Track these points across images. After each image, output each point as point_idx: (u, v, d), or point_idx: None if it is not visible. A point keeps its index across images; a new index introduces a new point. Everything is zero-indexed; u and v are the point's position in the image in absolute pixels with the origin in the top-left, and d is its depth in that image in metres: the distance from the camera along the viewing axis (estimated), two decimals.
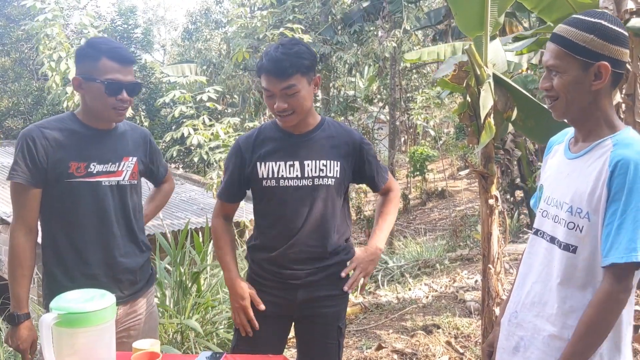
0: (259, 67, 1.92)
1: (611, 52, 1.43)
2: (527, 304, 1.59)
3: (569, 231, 1.48)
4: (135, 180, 2.09)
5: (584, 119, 1.51)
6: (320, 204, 1.98)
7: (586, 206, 1.44)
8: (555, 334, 1.49)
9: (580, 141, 1.55)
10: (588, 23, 1.44)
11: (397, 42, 11.01)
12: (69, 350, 1.52)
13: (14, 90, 15.82)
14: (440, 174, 17.58)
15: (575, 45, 1.44)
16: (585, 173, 1.47)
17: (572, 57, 1.44)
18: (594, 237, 1.44)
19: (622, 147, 1.41)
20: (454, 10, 3.15)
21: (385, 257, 7.32)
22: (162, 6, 40.33)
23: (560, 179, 1.57)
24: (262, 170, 1.99)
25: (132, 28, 18.38)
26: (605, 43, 1.43)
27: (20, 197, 1.93)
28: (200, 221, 7.93)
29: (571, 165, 1.54)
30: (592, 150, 1.49)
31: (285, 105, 1.88)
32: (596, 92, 1.46)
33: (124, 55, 1.94)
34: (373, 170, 2.13)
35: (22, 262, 1.91)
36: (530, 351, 1.55)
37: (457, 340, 3.93)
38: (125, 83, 1.94)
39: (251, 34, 9.93)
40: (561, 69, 1.46)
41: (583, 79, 1.45)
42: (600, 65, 1.43)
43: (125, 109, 2.00)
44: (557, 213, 1.53)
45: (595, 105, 1.48)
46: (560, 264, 1.50)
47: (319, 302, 2.02)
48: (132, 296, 2.07)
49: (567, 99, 1.48)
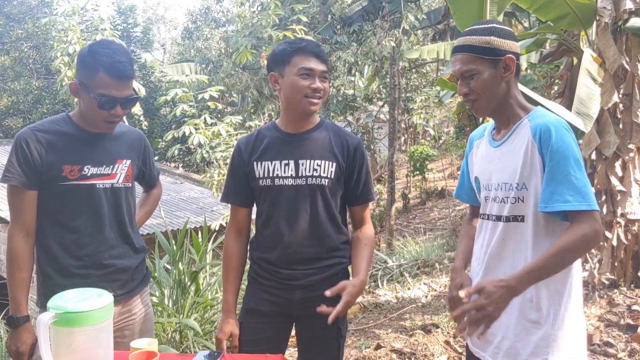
0: (297, 49, 1.94)
1: (510, 46, 1.67)
2: (487, 277, 1.72)
3: (514, 206, 1.66)
4: (129, 183, 2.08)
5: (502, 110, 1.72)
6: (315, 204, 1.98)
7: (520, 179, 1.63)
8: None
9: (502, 129, 1.76)
10: (484, 28, 1.69)
11: (397, 42, 11.01)
12: (66, 350, 1.52)
13: (13, 89, 15.83)
14: (440, 174, 17.59)
15: (481, 48, 1.66)
16: (513, 152, 1.67)
17: (481, 59, 1.66)
18: (535, 202, 1.61)
19: (538, 119, 1.64)
20: (453, 9, 3.16)
21: (385, 256, 7.33)
22: (162, 5, 40.33)
23: (491, 166, 1.75)
24: (258, 169, 2.00)
25: (131, 27, 18.39)
26: (504, 40, 1.67)
27: (16, 200, 1.92)
28: (200, 220, 7.94)
29: (499, 151, 1.73)
30: (514, 132, 1.69)
31: (322, 87, 1.96)
32: (507, 82, 1.69)
33: (123, 72, 1.88)
34: (361, 180, 2.05)
35: (20, 265, 1.90)
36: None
37: (456, 339, 3.93)
38: (120, 99, 1.90)
39: (252, 32, 9.92)
40: (475, 71, 1.67)
41: (495, 74, 1.67)
42: (507, 58, 1.66)
43: (117, 121, 1.99)
44: (499, 195, 1.70)
45: (508, 95, 1.70)
46: (506, 232, 1.67)
47: (317, 302, 2.01)
48: (126, 295, 2.06)
49: (486, 95, 1.68)
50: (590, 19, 4.36)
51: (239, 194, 2.08)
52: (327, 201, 1.99)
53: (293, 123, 2.02)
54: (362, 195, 2.07)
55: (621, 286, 4.56)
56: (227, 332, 2.00)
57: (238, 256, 2.08)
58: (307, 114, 1.99)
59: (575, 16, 4.24)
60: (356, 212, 2.11)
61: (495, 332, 1.68)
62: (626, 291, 4.49)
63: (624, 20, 4.38)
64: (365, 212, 2.12)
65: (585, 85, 3.95)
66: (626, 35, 4.46)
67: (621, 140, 4.39)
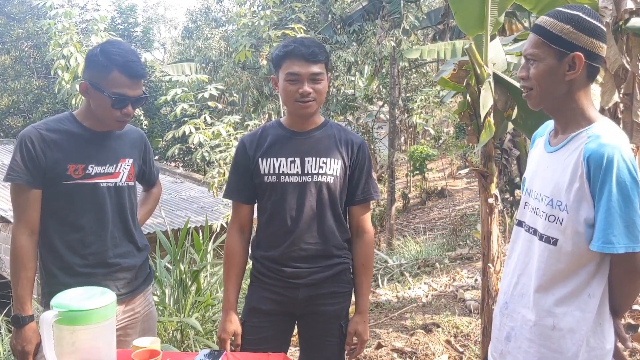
0: (285, 53, 1.93)
1: (586, 43, 1.47)
2: (515, 295, 1.65)
3: (549, 224, 1.53)
4: (132, 181, 2.09)
5: (560, 110, 1.55)
6: (321, 202, 1.98)
7: (565, 199, 1.48)
8: (539, 322, 1.55)
9: (559, 133, 1.59)
10: (566, 14, 1.49)
11: (396, 42, 11.01)
12: (69, 348, 1.52)
13: (13, 89, 15.80)
14: (440, 173, 17.58)
15: (552, 34, 1.48)
16: (563, 166, 1.51)
17: (549, 46, 1.49)
18: (574, 229, 1.48)
19: (595, 140, 1.45)
20: (454, 9, 3.15)
21: (385, 256, 7.33)
22: (162, 4, 40.30)
23: (540, 172, 1.62)
24: (263, 166, 1.99)
25: (131, 26, 18.36)
26: (581, 34, 1.47)
27: (21, 199, 1.92)
28: (200, 220, 7.94)
29: (551, 158, 1.59)
30: (569, 142, 1.53)
31: (311, 90, 1.91)
32: (570, 82, 1.50)
33: (136, 71, 1.91)
34: (362, 179, 2.04)
35: (24, 264, 1.91)
36: (520, 340, 1.61)
37: (457, 339, 3.93)
38: (132, 98, 1.93)
39: (252, 32, 9.92)
40: (537, 57, 1.51)
41: (557, 68, 1.49)
42: (575, 55, 1.47)
43: (128, 120, 2.01)
44: (537, 205, 1.59)
45: (570, 97, 1.52)
46: (541, 256, 1.55)
47: (321, 300, 2.02)
48: (130, 294, 2.07)
49: (541, 88, 1.52)
50: None
51: (242, 191, 2.07)
52: (332, 199, 2.00)
53: (297, 123, 2.03)
54: (362, 195, 2.06)
55: None
56: (230, 332, 1.99)
57: (240, 254, 2.07)
58: (303, 117, 2.00)
59: None
60: (355, 212, 2.08)
61: (515, 353, 1.62)
62: None
63: (624, 20, 4.37)
64: (364, 214, 2.08)
65: None
66: (627, 35, 4.45)
67: None
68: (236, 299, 2.07)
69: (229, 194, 2.11)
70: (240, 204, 2.09)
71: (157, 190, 2.43)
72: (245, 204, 2.09)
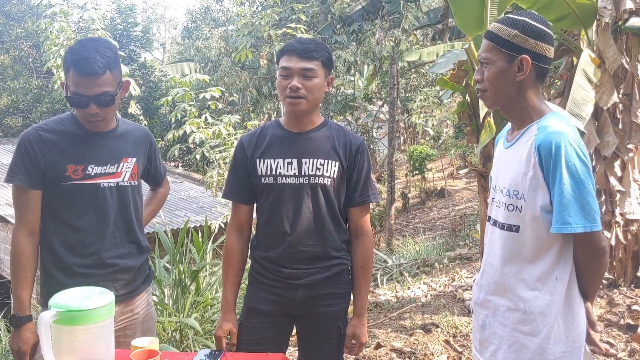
0: (282, 50, 1.95)
1: (532, 46, 1.58)
2: (484, 285, 1.74)
3: (508, 213, 1.62)
4: (135, 181, 2.07)
5: (513, 109, 1.66)
6: (317, 203, 1.98)
7: (521, 188, 1.58)
8: (511, 306, 1.64)
9: (515, 130, 1.70)
10: (513, 20, 1.60)
11: (396, 42, 11.01)
12: (67, 348, 1.52)
13: (13, 88, 15.80)
14: (440, 173, 17.59)
15: (501, 39, 1.59)
16: (517, 158, 1.62)
17: (499, 50, 1.60)
18: (532, 215, 1.57)
19: (543, 130, 1.56)
20: (454, 9, 3.16)
21: (385, 255, 7.33)
22: (162, 4, 40.31)
23: (501, 168, 1.73)
24: (260, 167, 1.99)
25: (131, 26, 18.35)
26: (527, 38, 1.57)
27: (21, 200, 1.92)
28: (200, 219, 7.93)
29: (507, 153, 1.69)
30: (522, 136, 1.63)
31: (300, 85, 1.90)
32: (520, 83, 1.61)
33: (87, 68, 1.80)
34: (360, 181, 2.02)
35: (24, 265, 1.90)
36: (494, 327, 1.69)
37: (456, 339, 3.93)
38: (90, 97, 1.84)
39: (252, 32, 9.92)
40: (490, 61, 1.62)
41: (508, 70, 1.60)
42: (522, 58, 1.57)
43: (99, 120, 1.93)
44: (499, 198, 1.69)
45: (521, 96, 1.63)
46: (505, 244, 1.64)
47: (319, 301, 2.02)
48: (128, 295, 2.06)
49: (494, 89, 1.63)
50: (590, 19, 4.36)
51: (240, 191, 2.07)
52: (329, 200, 1.99)
53: (293, 122, 2.02)
54: (360, 197, 2.04)
55: (621, 286, 4.57)
56: (226, 330, 1.99)
57: (239, 254, 2.07)
58: (295, 115, 1.98)
59: (576, 16, 4.24)
60: (353, 214, 2.06)
61: (491, 339, 1.69)
62: (626, 291, 4.50)
63: (624, 20, 4.37)
64: (363, 217, 2.06)
65: (580, 86, 3.95)
66: (626, 35, 4.46)
67: (620, 141, 4.39)
68: (235, 299, 2.07)
69: (228, 195, 2.10)
70: (239, 205, 2.09)
71: (164, 190, 2.40)
72: (244, 205, 2.08)
